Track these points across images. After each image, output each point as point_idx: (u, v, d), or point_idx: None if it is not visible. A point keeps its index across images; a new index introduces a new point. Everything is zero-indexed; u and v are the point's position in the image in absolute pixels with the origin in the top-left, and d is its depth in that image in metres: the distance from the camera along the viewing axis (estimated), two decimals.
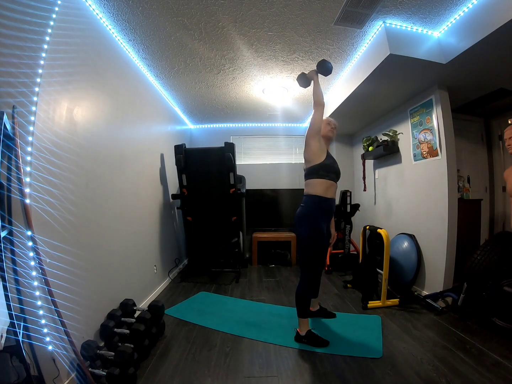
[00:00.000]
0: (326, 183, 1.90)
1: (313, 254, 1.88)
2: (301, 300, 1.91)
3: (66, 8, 1.57)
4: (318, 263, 1.98)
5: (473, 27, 1.86)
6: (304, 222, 1.89)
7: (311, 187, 1.92)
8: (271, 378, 1.57)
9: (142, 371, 1.61)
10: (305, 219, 1.89)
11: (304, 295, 1.91)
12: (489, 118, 3.34)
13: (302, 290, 1.91)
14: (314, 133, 1.92)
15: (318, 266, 1.98)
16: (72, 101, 1.64)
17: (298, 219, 1.93)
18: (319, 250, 1.90)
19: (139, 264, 2.50)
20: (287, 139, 4.85)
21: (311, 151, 1.93)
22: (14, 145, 1.20)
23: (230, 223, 3.41)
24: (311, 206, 1.90)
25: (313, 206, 1.89)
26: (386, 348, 1.83)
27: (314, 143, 1.91)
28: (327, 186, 1.90)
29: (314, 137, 1.92)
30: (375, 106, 3.23)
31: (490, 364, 1.60)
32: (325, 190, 1.90)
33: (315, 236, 1.86)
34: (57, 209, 1.45)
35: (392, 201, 3.37)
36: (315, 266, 1.94)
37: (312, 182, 1.92)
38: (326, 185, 1.90)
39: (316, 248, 1.87)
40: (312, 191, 1.90)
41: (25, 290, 1.21)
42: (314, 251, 1.88)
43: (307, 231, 1.87)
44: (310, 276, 1.92)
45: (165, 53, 2.46)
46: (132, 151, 2.48)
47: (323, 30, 2.15)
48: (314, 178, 1.91)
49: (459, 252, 2.47)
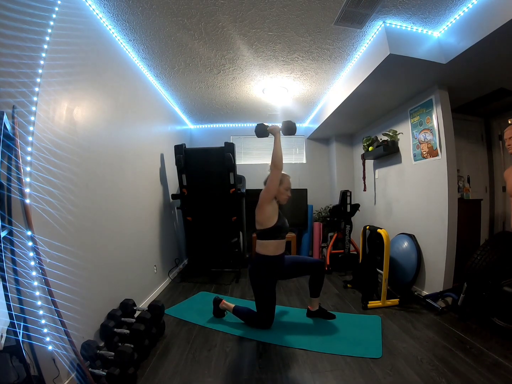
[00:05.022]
0: (278, 243, 2.06)
1: (262, 299, 2.09)
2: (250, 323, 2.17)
3: (66, 8, 1.57)
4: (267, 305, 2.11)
5: (473, 27, 1.86)
6: (254, 277, 2.10)
7: (263, 248, 2.06)
8: (271, 378, 1.57)
9: (142, 371, 1.61)
10: (257, 278, 2.09)
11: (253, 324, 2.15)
12: (489, 118, 3.34)
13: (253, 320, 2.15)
14: (269, 198, 1.98)
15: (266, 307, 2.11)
16: (72, 101, 1.64)
17: (250, 274, 2.13)
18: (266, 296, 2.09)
19: (139, 264, 2.50)
20: (287, 139, 4.84)
21: (264, 215, 2.00)
22: (14, 145, 1.20)
23: (230, 223, 3.41)
24: (262, 266, 2.07)
25: (264, 266, 2.07)
26: (386, 348, 1.82)
27: (268, 208, 1.99)
28: (278, 244, 2.06)
29: (268, 202, 1.98)
30: (375, 106, 3.23)
31: (490, 364, 1.60)
32: (276, 249, 2.06)
33: (262, 289, 2.08)
34: (57, 209, 1.45)
35: (392, 201, 3.37)
36: (264, 307, 2.10)
37: (264, 243, 2.06)
38: (277, 244, 2.06)
39: (263, 295, 2.08)
40: (264, 251, 2.05)
41: (25, 290, 1.21)
42: (262, 297, 2.09)
43: (256, 284, 2.10)
44: (261, 314, 2.11)
45: (165, 53, 2.46)
46: (132, 151, 2.48)
47: (323, 30, 2.15)
48: (267, 240, 2.04)
49: (459, 252, 2.47)
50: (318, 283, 2.23)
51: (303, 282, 3.29)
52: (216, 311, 2.34)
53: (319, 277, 2.22)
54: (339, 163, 4.62)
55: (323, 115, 3.78)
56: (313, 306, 2.29)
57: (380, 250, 2.57)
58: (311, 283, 2.25)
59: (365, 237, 2.89)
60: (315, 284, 2.24)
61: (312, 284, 2.24)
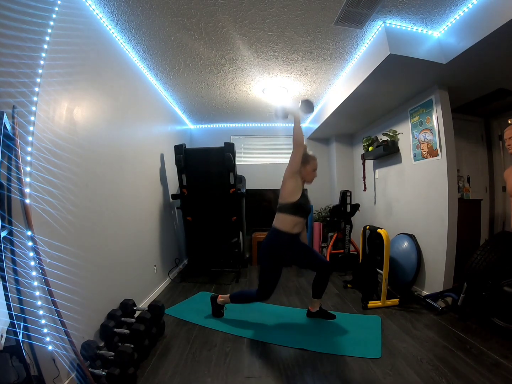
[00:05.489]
0: (296, 220, 2.01)
1: (266, 279, 2.08)
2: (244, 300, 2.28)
3: (66, 8, 1.57)
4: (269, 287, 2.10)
5: (473, 27, 1.86)
6: (265, 252, 2.06)
7: (281, 222, 2.02)
8: (271, 378, 1.57)
9: (142, 371, 1.61)
10: (266, 251, 2.05)
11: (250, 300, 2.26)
12: (489, 118, 3.34)
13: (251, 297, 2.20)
14: (293, 173, 1.99)
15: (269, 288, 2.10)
16: (72, 101, 1.64)
17: (262, 248, 2.09)
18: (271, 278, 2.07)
19: (139, 264, 2.50)
20: (287, 139, 4.84)
21: (287, 190, 2.00)
22: (14, 145, 1.20)
23: (230, 223, 3.41)
24: (276, 241, 2.03)
25: (278, 241, 2.02)
26: (386, 348, 1.83)
27: (291, 183, 1.99)
28: (296, 222, 2.02)
29: (292, 177, 1.99)
30: (375, 106, 3.23)
31: (490, 364, 1.60)
32: (293, 226, 2.01)
33: (272, 267, 2.05)
34: (57, 209, 1.45)
35: (392, 201, 3.37)
36: (267, 288, 2.10)
37: (282, 217, 2.02)
38: (295, 222, 2.01)
39: (269, 276, 2.07)
40: (281, 226, 2.01)
41: (25, 290, 1.21)
42: (267, 277, 2.08)
43: (265, 261, 2.06)
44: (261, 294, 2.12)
45: (165, 53, 2.46)
46: (132, 151, 2.48)
47: (323, 30, 2.15)
48: (286, 214, 2.01)
49: (459, 252, 2.47)
50: (322, 284, 2.20)
51: (303, 282, 3.29)
52: (215, 309, 2.35)
53: (324, 278, 2.19)
54: (339, 163, 4.62)
55: (323, 115, 3.78)
56: (313, 307, 2.29)
57: (380, 250, 2.57)
58: (315, 284, 2.22)
59: (365, 237, 2.89)
60: (319, 285, 2.21)
61: (316, 284, 2.22)
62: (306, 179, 2.10)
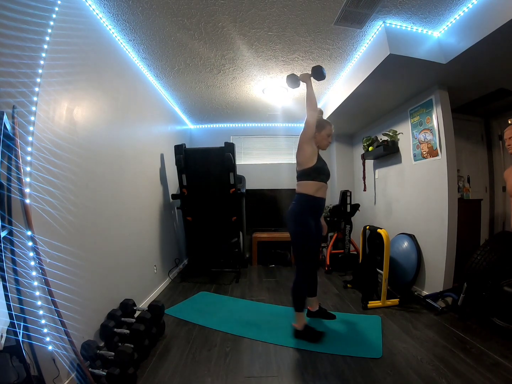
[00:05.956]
0: (317, 185, 1.99)
1: (304, 247, 1.97)
2: (295, 293, 1.99)
3: (66, 8, 1.57)
4: (310, 257, 2.02)
5: (473, 27, 1.86)
6: (293, 218, 1.98)
7: (303, 187, 2.00)
8: (271, 378, 1.57)
9: (142, 371, 1.61)
10: (294, 215, 1.98)
11: (298, 288, 1.99)
12: (489, 118, 3.34)
13: (296, 284, 1.99)
14: (308, 138, 1.96)
15: (310, 260, 2.02)
16: (72, 101, 1.64)
17: (289, 215, 2.02)
18: (308, 243, 1.97)
19: (139, 264, 2.50)
20: (287, 139, 4.85)
21: (304, 155, 1.99)
22: (14, 145, 1.20)
23: (230, 223, 3.41)
24: (301, 204, 1.99)
25: (303, 204, 1.98)
26: (386, 348, 1.83)
27: (307, 147, 1.97)
28: (318, 187, 1.99)
29: (307, 141, 1.97)
30: (375, 106, 3.23)
31: (490, 364, 1.60)
32: (316, 190, 1.99)
33: (304, 230, 1.95)
34: (57, 209, 1.45)
35: (392, 201, 3.37)
36: (307, 259, 2.00)
37: (304, 184, 2.00)
38: (317, 186, 1.99)
39: (305, 241, 1.96)
40: (304, 191, 1.99)
41: (25, 290, 1.21)
42: (304, 244, 1.96)
43: (296, 226, 1.96)
44: (304, 270, 1.99)
45: (165, 53, 2.46)
46: (132, 151, 2.48)
47: (323, 30, 2.15)
48: (306, 180, 1.99)
49: (459, 252, 2.46)
50: (312, 279, 2.19)
51: None
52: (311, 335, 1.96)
53: (314, 273, 2.20)
54: (339, 163, 4.61)
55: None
56: (312, 306, 2.29)
57: (380, 250, 2.57)
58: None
59: (365, 237, 2.89)
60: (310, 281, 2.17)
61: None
62: (320, 144, 2.08)
